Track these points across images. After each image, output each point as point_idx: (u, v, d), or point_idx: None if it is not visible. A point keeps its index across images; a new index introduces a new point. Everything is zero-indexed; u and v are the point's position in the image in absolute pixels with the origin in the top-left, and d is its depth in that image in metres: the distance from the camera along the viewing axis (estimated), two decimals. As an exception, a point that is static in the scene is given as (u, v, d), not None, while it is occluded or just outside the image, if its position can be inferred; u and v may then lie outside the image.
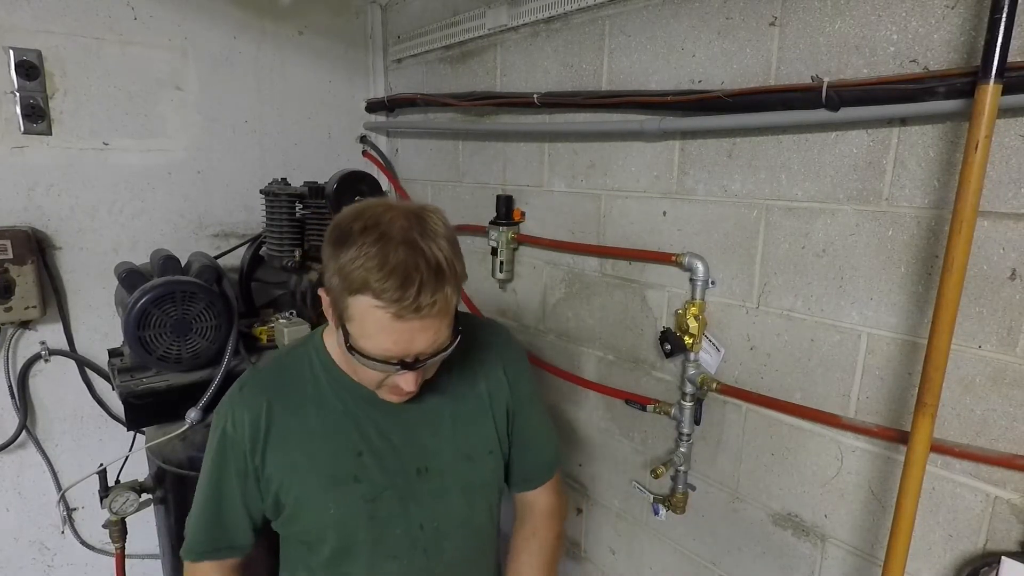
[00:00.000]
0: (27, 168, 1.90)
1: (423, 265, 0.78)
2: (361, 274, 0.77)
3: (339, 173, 1.88)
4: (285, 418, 0.96)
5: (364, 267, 0.77)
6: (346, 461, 0.96)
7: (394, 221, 0.81)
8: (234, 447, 0.96)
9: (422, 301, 0.77)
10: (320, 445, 0.96)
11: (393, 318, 0.78)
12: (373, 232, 0.79)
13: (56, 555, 2.15)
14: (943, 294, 0.91)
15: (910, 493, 0.97)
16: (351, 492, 0.97)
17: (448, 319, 0.85)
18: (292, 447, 0.96)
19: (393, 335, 0.80)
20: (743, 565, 1.42)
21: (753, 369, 1.33)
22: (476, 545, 1.10)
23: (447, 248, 0.82)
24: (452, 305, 0.84)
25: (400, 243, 0.78)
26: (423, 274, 0.77)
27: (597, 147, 1.61)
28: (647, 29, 1.44)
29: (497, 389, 1.08)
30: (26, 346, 1.98)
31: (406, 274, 0.76)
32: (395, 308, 0.77)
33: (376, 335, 0.81)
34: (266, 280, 2.22)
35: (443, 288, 0.79)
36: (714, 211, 1.36)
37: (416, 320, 0.79)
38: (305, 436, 0.96)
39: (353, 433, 0.97)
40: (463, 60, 2.05)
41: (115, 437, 2.14)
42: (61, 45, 1.89)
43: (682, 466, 1.48)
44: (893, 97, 1.00)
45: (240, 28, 2.19)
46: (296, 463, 0.96)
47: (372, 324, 0.80)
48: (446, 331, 0.85)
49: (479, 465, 1.06)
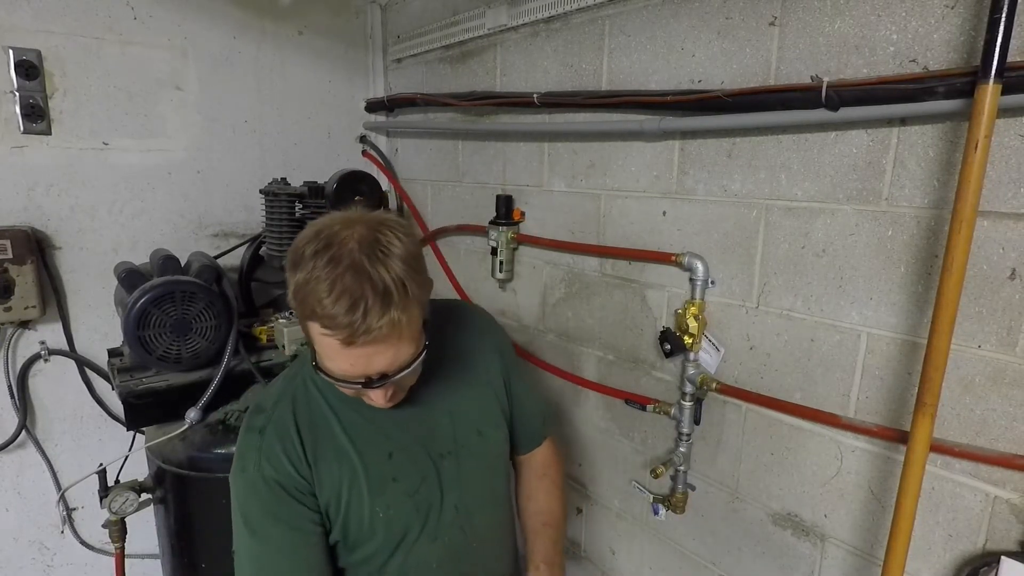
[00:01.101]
0: (27, 168, 1.90)
1: (369, 290, 0.76)
2: (310, 302, 0.77)
3: (339, 173, 1.88)
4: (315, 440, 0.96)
5: (312, 294, 0.77)
6: (382, 465, 0.99)
7: (345, 243, 0.79)
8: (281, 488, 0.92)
9: (370, 324, 0.76)
10: (354, 457, 0.97)
11: (343, 344, 0.78)
12: (323, 256, 0.78)
13: (56, 555, 2.15)
14: (943, 294, 0.91)
15: (910, 493, 0.97)
16: (394, 491, 1.00)
17: (407, 337, 0.83)
18: (333, 464, 0.96)
19: (348, 359, 0.81)
20: (743, 565, 1.42)
21: (753, 369, 1.33)
22: (500, 516, 1.17)
23: (399, 268, 0.80)
24: (409, 324, 0.82)
25: (347, 268, 0.77)
26: (368, 299, 0.76)
27: (597, 147, 1.61)
28: (647, 29, 1.44)
29: (493, 365, 1.15)
30: (26, 346, 1.98)
31: (352, 301, 0.75)
32: (343, 335, 0.77)
33: (334, 359, 0.82)
34: (266, 280, 2.22)
35: (390, 311, 0.77)
36: (714, 211, 1.36)
37: (368, 345, 0.78)
38: (338, 452, 0.97)
39: (379, 437, 0.99)
40: (463, 60, 2.05)
41: (115, 437, 2.14)
42: (61, 45, 1.89)
43: (682, 466, 1.48)
44: (893, 97, 1.00)
45: (240, 28, 2.19)
46: (338, 478, 0.97)
47: (327, 349, 0.81)
48: (407, 349, 0.84)
49: (490, 438, 1.13)
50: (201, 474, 1.60)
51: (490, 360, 1.15)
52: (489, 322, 1.24)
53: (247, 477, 0.93)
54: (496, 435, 1.14)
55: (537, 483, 1.25)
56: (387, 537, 1.01)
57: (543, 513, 1.21)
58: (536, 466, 1.27)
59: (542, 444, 1.28)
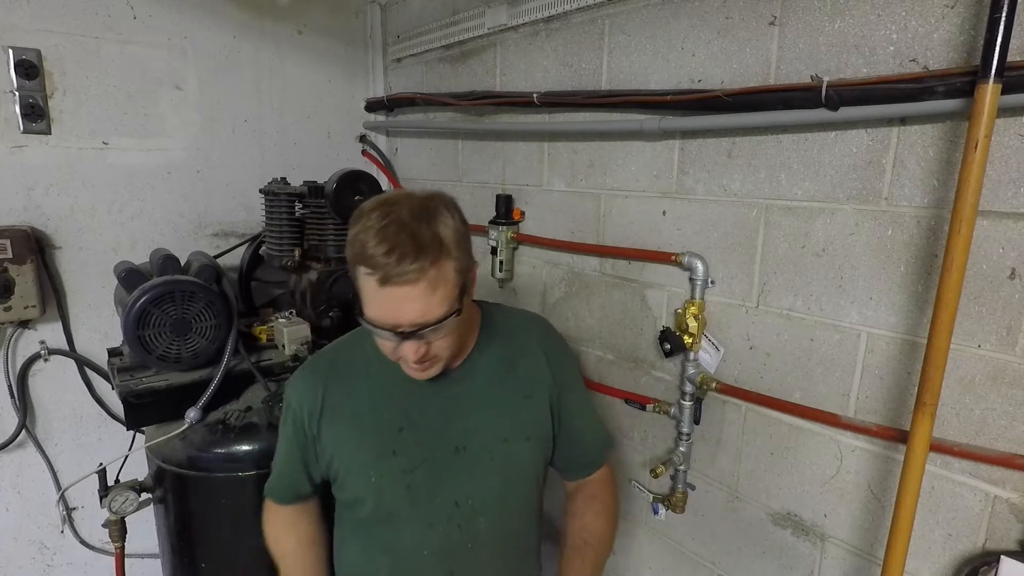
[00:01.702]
0: (26, 167, 1.90)
1: (407, 239, 0.86)
2: (358, 247, 0.88)
3: (338, 172, 1.88)
4: (338, 395, 1.08)
5: (361, 240, 0.88)
6: (388, 436, 1.06)
7: (400, 206, 0.90)
8: (296, 419, 1.10)
9: (403, 268, 0.85)
10: (367, 420, 1.07)
11: (379, 284, 0.87)
12: (378, 212, 0.90)
13: (56, 554, 2.15)
14: (942, 293, 0.91)
15: (909, 492, 0.97)
16: (390, 464, 1.06)
17: (440, 294, 0.90)
18: (343, 421, 1.07)
19: (380, 301, 0.89)
20: (742, 564, 1.42)
21: (753, 368, 1.33)
22: (511, 528, 1.15)
23: (444, 231, 0.90)
24: (442, 281, 0.89)
25: (394, 222, 0.88)
26: (404, 246, 0.85)
27: (596, 146, 1.61)
28: (647, 28, 1.44)
29: (538, 377, 1.13)
30: (25, 345, 1.98)
31: (391, 246, 0.85)
32: (379, 273, 0.86)
33: (371, 302, 0.90)
34: (266, 279, 2.22)
35: (424, 259, 0.86)
36: (714, 210, 1.36)
37: (399, 288, 0.86)
38: (354, 412, 1.07)
39: (397, 411, 1.06)
40: (463, 59, 2.05)
41: (114, 436, 2.14)
42: (60, 44, 1.89)
43: (681, 465, 1.48)
44: (893, 96, 1.01)
45: (239, 27, 2.19)
46: (346, 435, 1.07)
47: (367, 291, 0.90)
48: (438, 306, 0.90)
49: (515, 448, 1.11)
50: (201, 474, 1.59)
51: (538, 374, 1.13)
52: (550, 337, 1.21)
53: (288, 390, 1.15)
54: (523, 447, 1.11)
55: (585, 504, 1.21)
56: (377, 506, 1.07)
57: (586, 531, 1.17)
58: (586, 487, 1.23)
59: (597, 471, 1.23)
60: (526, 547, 1.20)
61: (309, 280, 1.94)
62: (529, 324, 1.21)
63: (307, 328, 1.83)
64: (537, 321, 1.24)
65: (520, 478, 1.13)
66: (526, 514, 1.16)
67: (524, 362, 1.13)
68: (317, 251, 1.97)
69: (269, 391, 1.66)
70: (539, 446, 1.14)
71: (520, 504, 1.14)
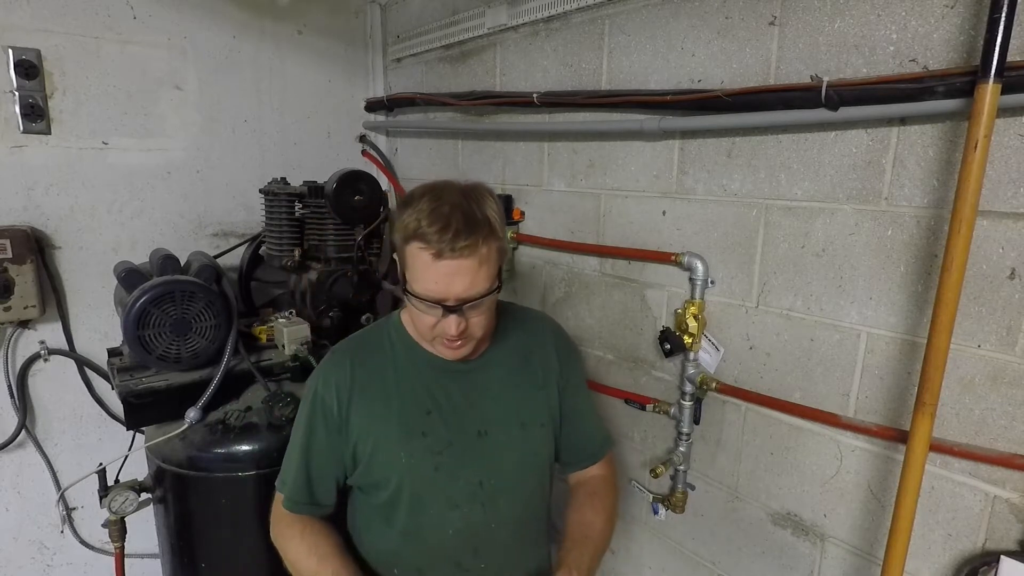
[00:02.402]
0: (26, 167, 1.90)
1: (460, 218, 0.94)
2: (413, 224, 0.95)
3: (338, 172, 1.88)
4: (367, 378, 1.11)
5: (416, 219, 0.95)
6: (417, 417, 1.10)
7: (449, 190, 0.99)
8: (324, 404, 1.10)
9: (457, 243, 0.93)
10: (396, 402, 1.10)
11: (433, 258, 0.94)
12: (429, 195, 0.98)
13: (55, 554, 2.15)
14: (942, 293, 0.91)
15: (909, 492, 0.97)
16: (420, 444, 1.09)
17: (485, 271, 0.98)
18: (372, 402, 1.10)
19: (434, 274, 0.95)
20: (742, 564, 1.42)
21: (752, 368, 1.34)
22: (527, 508, 1.19)
23: (489, 212, 0.98)
24: (488, 259, 0.98)
25: (447, 203, 0.96)
26: (458, 224, 0.93)
27: (596, 146, 1.61)
28: (647, 28, 1.44)
29: (548, 367, 1.19)
30: (25, 345, 1.98)
31: (446, 222, 0.93)
32: (435, 248, 0.93)
33: (422, 275, 0.96)
34: (265, 279, 2.21)
35: (477, 236, 0.94)
36: (713, 210, 1.36)
37: (453, 260, 0.94)
38: (383, 394, 1.11)
39: (424, 394, 1.11)
40: (462, 59, 2.05)
41: (114, 436, 2.14)
42: (60, 44, 1.89)
43: (681, 465, 1.48)
44: (892, 96, 1.01)
45: (239, 27, 2.19)
46: (375, 416, 1.09)
47: (419, 266, 0.96)
48: (483, 281, 0.98)
49: (532, 434, 1.16)
50: (201, 474, 1.59)
51: (549, 366, 1.19)
52: (561, 334, 1.26)
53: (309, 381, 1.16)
54: (539, 433, 1.17)
55: (586, 500, 1.23)
56: (404, 487, 1.09)
57: (586, 525, 1.19)
58: (587, 483, 1.25)
59: (597, 464, 1.26)
60: (539, 530, 1.24)
61: (309, 280, 1.94)
62: (542, 320, 1.28)
63: (307, 328, 1.83)
64: (548, 319, 1.31)
65: (536, 462, 1.18)
66: (540, 497, 1.21)
67: (537, 354, 1.19)
68: (317, 251, 1.97)
69: (269, 391, 1.66)
70: (551, 433, 1.20)
71: (535, 487, 1.19)
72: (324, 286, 1.93)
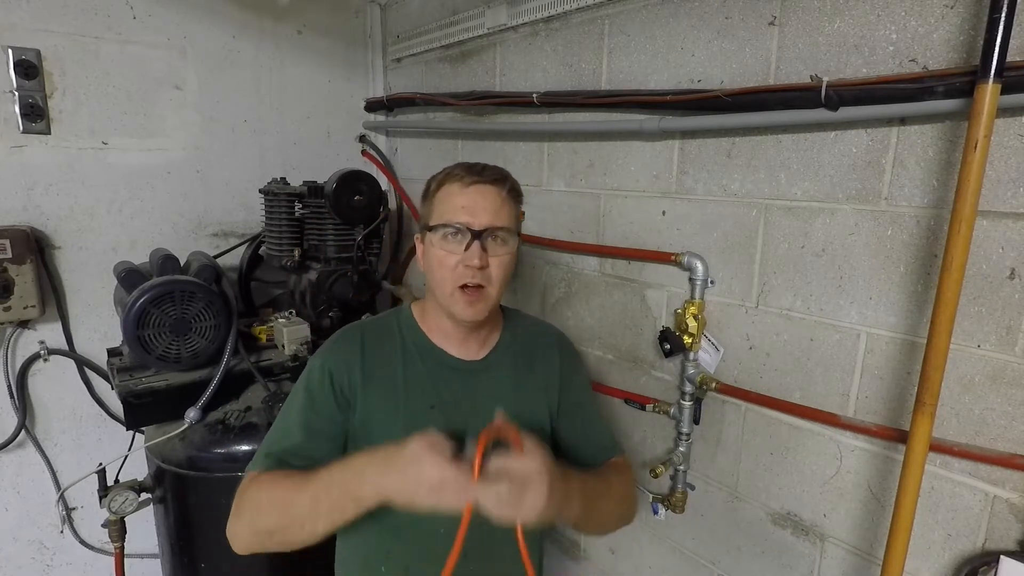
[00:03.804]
0: (26, 167, 1.90)
1: (490, 166, 1.06)
2: (445, 175, 1.05)
3: (338, 172, 1.88)
4: (375, 363, 1.11)
5: (446, 171, 1.06)
6: (420, 411, 1.10)
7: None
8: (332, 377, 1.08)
9: (484, 174, 1.03)
10: (402, 394, 1.10)
11: (462, 186, 1.02)
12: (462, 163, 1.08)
13: (55, 554, 2.15)
14: (942, 293, 0.91)
15: (909, 492, 0.97)
16: None
17: (507, 210, 1.04)
18: (378, 387, 1.10)
19: (461, 200, 1.02)
20: (742, 564, 1.42)
21: (752, 368, 1.34)
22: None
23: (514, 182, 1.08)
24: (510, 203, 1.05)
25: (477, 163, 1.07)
26: (488, 167, 1.05)
27: (596, 146, 1.61)
28: (646, 29, 1.44)
29: (551, 374, 1.20)
30: (25, 345, 1.98)
31: (474, 164, 1.05)
32: (464, 178, 1.02)
33: (451, 204, 1.03)
34: (265, 279, 2.22)
35: (503, 180, 1.05)
36: (713, 210, 1.36)
37: (480, 185, 1.02)
38: (391, 383, 1.10)
39: (429, 389, 1.11)
40: (462, 59, 2.05)
41: (114, 437, 2.14)
42: (60, 44, 1.89)
43: (681, 465, 1.48)
44: (892, 96, 1.01)
45: (239, 27, 2.19)
46: (382, 405, 1.09)
47: (448, 198, 1.03)
48: (507, 217, 1.04)
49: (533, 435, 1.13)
50: (201, 474, 1.60)
51: (551, 371, 1.20)
52: (565, 343, 1.27)
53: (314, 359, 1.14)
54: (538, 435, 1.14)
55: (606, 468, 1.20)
56: None
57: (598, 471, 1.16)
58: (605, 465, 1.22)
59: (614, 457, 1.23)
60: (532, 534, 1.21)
61: (309, 280, 1.94)
62: (547, 329, 1.28)
63: (307, 328, 1.83)
64: (554, 328, 1.31)
65: None
66: None
67: (541, 359, 1.20)
68: (317, 251, 1.97)
69: (269, 391, 1.66)
70: (551, 439, 1.19)
71: None
72: (324, 286, 1.93)
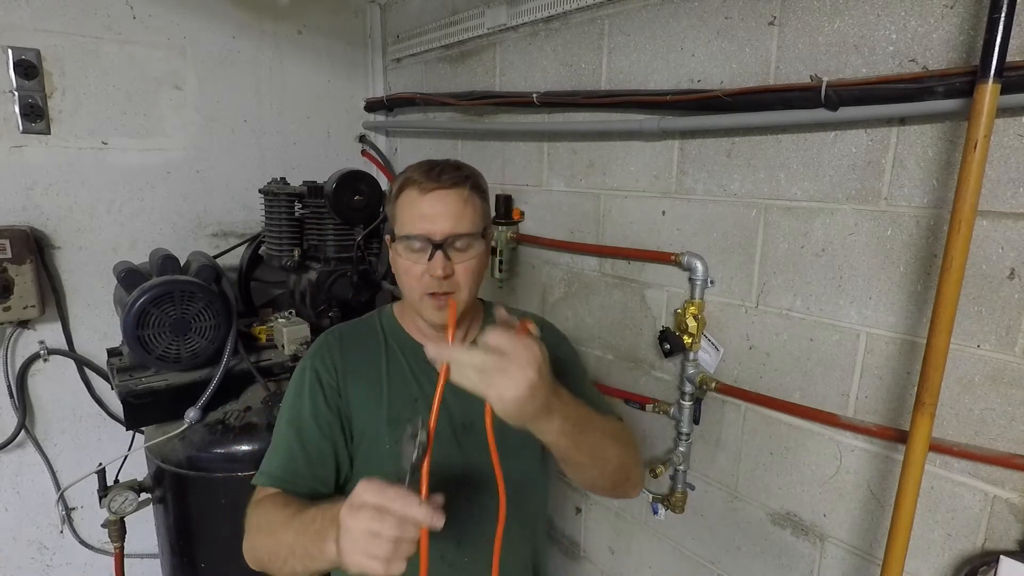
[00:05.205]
0: (26, 167, 1.90)
1: (448, 164, 1.02)
2: (403, 179, 1.02)
3: (338, 172, 1.88)
4: (357, 361, 1.12)
5: (406, 174, 1.02)
6: (404, 405, 1.10)
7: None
8: (320, 380, 1.10)
9: (443, 177, 0.99)
10: (386, 388, 1.11)
11: (421, 192, 0.99)
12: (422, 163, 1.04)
13: (55, 554, 2.15)
14: (942, 293, 0.91)
15: (909, 492, 0.97)
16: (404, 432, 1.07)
17: (470, 212, 1.01)
18: (364, 383, 1.11)
19: (420, 208, 0.99)
20: (742, 564, 1.42)
21: (752, 368, 1.34)
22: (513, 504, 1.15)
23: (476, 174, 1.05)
24: (473, 203, 1.02)
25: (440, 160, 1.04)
26: (446, 168, 1.01)
27: (596, 146, 1.61)
28: (646, 28, 1.44)
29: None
30: (25, 345, 1.98)
31: (431, 165, 1.02)
32: (422, 182, 0.99)
33: (410, 214, 1.01)
34: (265, 279, 2.22)
35: (461, 174, 1.01)
36: (713, 210, 1.36)
37: (438, 191, 0.99)
38: (373, 378, 1.11)
39: (413, 384, 1.12)
40: (462, 59, 2.05)
41: (114, 436, 2.14)
42: (60, 44, 1.89)
43: (681, 465, 1.48)
44: (892, 96, 1.01)
45: (239, 27, 2.19)
46: (366, 399, 1.10)
47: (408, 206, 1.01)
48: (468, 222, 1.01)
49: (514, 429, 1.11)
50: (200, 474, 1.60)
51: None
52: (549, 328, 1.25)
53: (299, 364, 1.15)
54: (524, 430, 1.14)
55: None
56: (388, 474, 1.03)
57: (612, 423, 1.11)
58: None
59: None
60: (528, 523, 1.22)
61: (308, 280, 1.94)
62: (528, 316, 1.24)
63: (306, 328, 1.83)
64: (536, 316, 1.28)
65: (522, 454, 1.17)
66: (528, 490, 1.20)
67: None
68: (317, 251, 1.97)
69: (268, 391, 1.66)
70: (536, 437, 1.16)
71: (521, 480, 1.17)
72: (324, 286, 1.93)
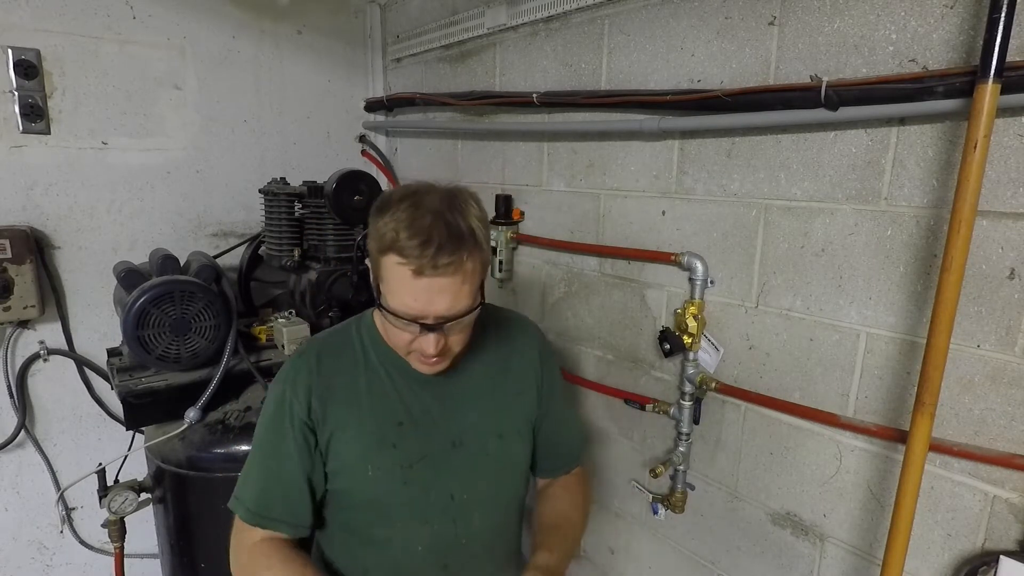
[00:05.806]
0: (26, 167, 1.90)
1: (443, 230, 0.86)
2: (391, 235, 0.87)
3: (338, 172, 1.88)
4: (334, 382, 1.03)
5: (393, 229, 0.87)
6: (387, 428, 1.03)
7: (430, 195, 0.91)
8: (292, 408, 1.01)
9: (439, 261, 0.85)
10: (366, 410, 1.03)
11: (413, 275, 0.86)
12: (408, 201, 0.89)
13: (55, 555, 2.15)
14: (942, 293, 0.91)
15: (909, 492, 0.97)
16: (388, 457, 1.02)
17: (468, 287, 0.91)
18: (342, 406, 1.02)
19: (413, 292, 0.88)
20: (742, 564, 1.43)
21: (752, 368, 1.34)
22: (502, 521, 1.15)
23: (473, 223, 0.90)
24: (472, 274, 0.91)
25: (427, 212, 0.87)
26: (441, 238, 0.85)
27: (596, 146, 1.61)
28: (646, 28, 1.44)
29: (529, 373, 1.15)
30: (25, 345, 1.98)
31: (428, 236, 0.85)
32: (415, 265, 0.85)
33: (399, 291, 0.89)
34: (265, 279, 2.21)
35: (461, 252, 0.87)
36: (713, 210, 1.36)
37: (434, 278, 0.86)
38: (354, 398, 1.03)
39: (396, 403, 1.04)
40: (462, 59, 2.05)
41: (114, 437, 2.14)
42: (60, 44, 1.89)
43: (681, 465, 1.48)
44: (892, 96, 1.00)
45: (239, 27, 2.19)
46: (345, 422, 1.02)
47: (396, 281, 0.88)
48: (466, 298, 0.91)
49: (509, 443, 1.11)
50: (200, 474, 1.60)
51: (529, 370, 1.15)
52: (541, 339, 1.22)
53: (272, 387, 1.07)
54: (516, 444, 1.12)
55: (560, 491, 1.21)
56: (371, 500, 1.03)
57: (557, 515, 1.16)
58: (561, 482, 1.24)
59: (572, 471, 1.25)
60: (513, 543, 1.21)
61: (308, 280, 1.94)
62: (523, 323, 1.22)
63: (306, 328, 1.83)
64: (529, 322, 1.25)
65: (512, 473, 1.14)
66: (515, 508, 1.18)
67: (517, 359, 1.15)
68: (316, 251, 1.97)
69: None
70: (528, 441, 1.15)
71: (511, 498, 1.16)
72: (324, 286, 1.93)
